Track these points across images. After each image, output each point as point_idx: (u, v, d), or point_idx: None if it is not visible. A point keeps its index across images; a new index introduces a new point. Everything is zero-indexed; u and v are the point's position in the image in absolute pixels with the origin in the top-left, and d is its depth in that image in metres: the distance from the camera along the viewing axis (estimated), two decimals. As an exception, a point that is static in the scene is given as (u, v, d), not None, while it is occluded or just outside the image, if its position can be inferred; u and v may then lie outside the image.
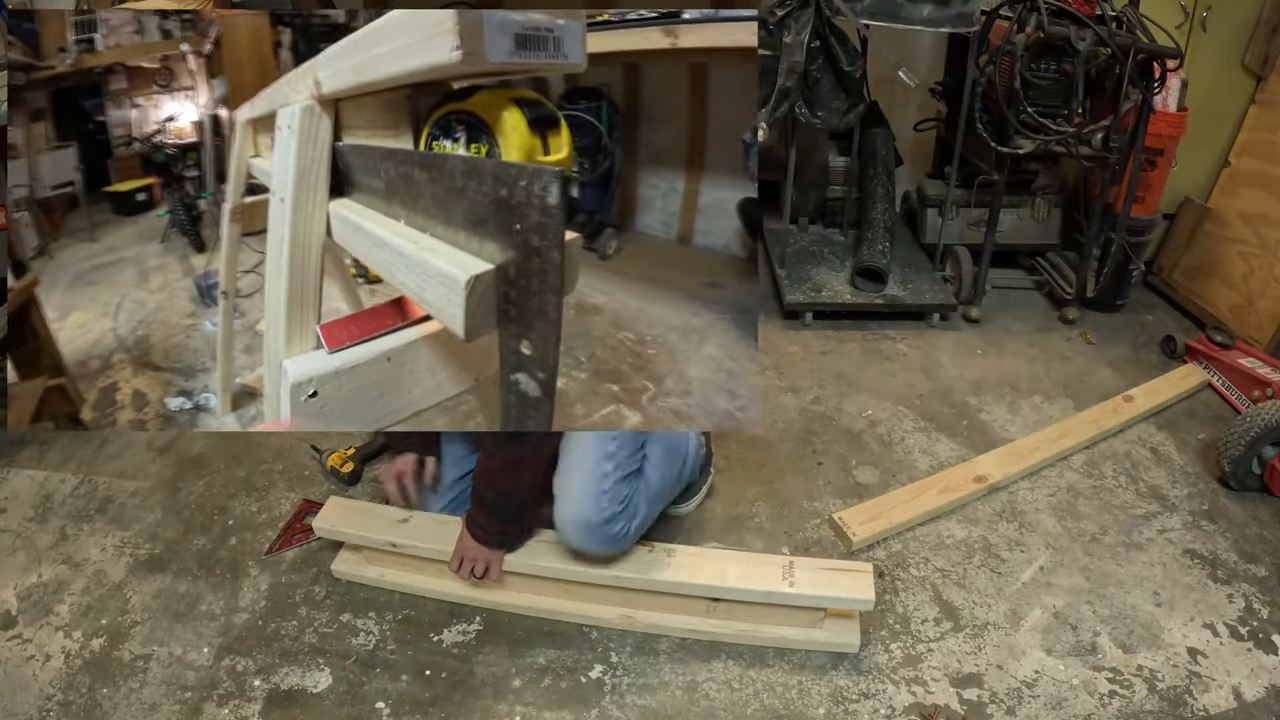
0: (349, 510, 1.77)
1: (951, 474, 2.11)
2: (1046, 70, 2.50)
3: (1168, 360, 2.71)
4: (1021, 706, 1.55)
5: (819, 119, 2.64)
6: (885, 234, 2.92)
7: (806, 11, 2.48)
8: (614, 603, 1.69)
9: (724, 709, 1.54)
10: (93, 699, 1.56)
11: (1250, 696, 1.57)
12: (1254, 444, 2.01)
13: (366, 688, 1.58)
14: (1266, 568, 1.87)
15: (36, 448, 2.26)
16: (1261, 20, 2.81)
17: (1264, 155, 2.83)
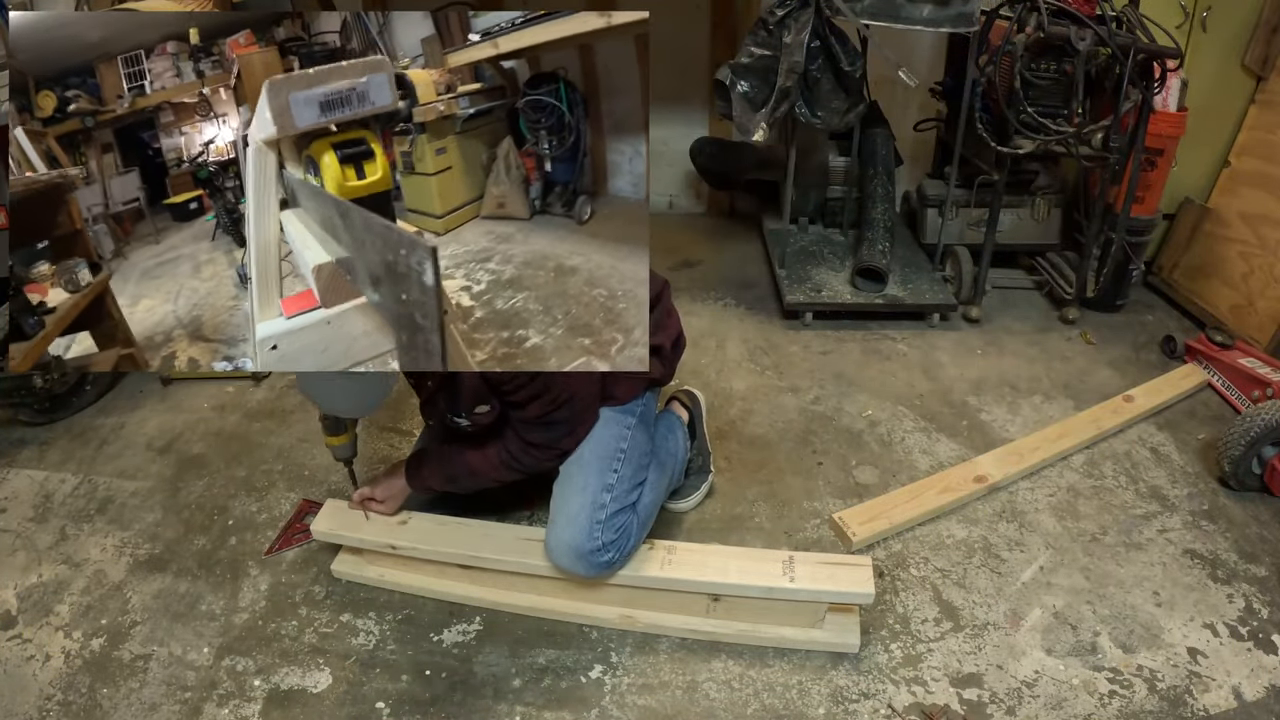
0: (347, 513, 1.77)
1: (951, 474, 2.11)
2: (1046, 70, 2.50)
3: (1168, 360, 2.71)
4: (1021, 706, 1.55)
5: (819, 119, 2.64)
6: (885, 234, 2.92)
7: (806, 11, 2.48)
8: (614, 602, 1.69)
9: (724, 709, 1.54)
10: (93, 699, 1.56)
11: (1250, 696, 1.57)
12: (1254, 444, 2.01)
13: (366, 688, 1.58)
14: (1266, 568, 1.87)
15: (36, 448, 2.26)
16: (1261, 20, 2.81)
17: (1264, 155, 2.83)
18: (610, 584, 1.65)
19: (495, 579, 1.73)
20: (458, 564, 1.72)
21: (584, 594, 1.69)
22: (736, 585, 1.61)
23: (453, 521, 1.75)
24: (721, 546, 1.75)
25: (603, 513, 1.58)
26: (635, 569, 1.63)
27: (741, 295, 3.11)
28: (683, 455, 1.92)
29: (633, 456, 1.67)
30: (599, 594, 1.68)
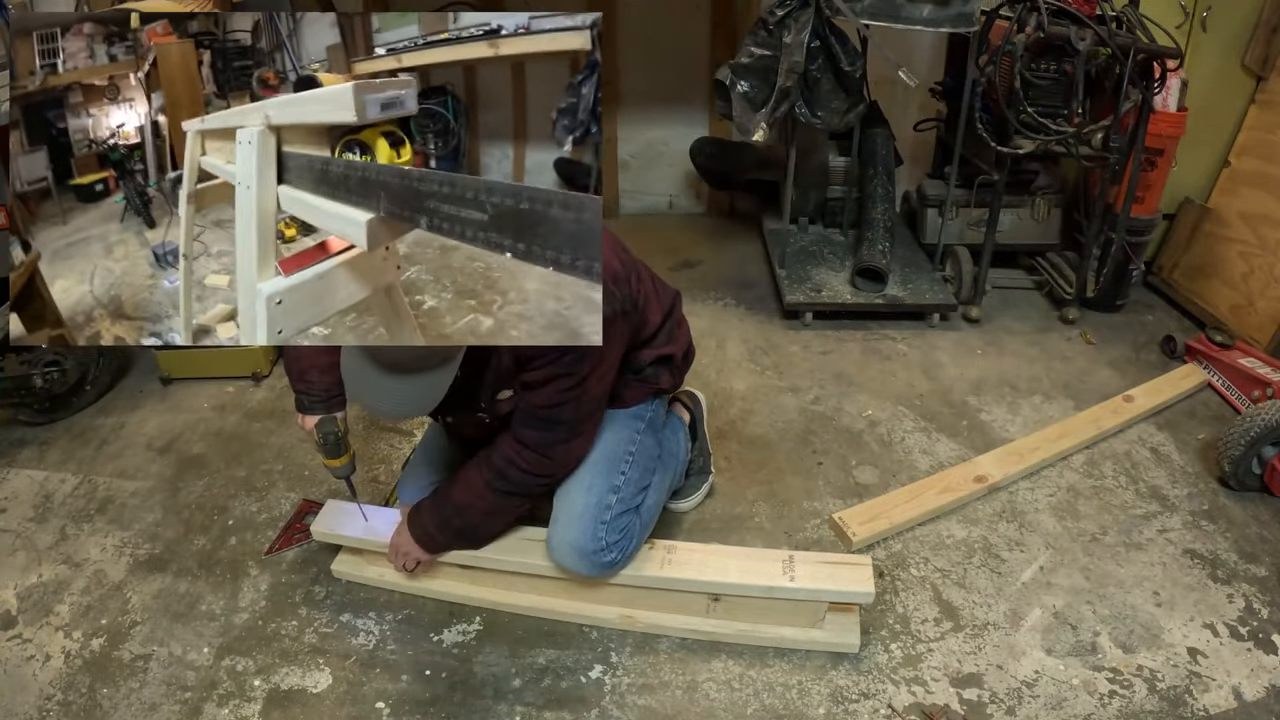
0: (346, 514, 1.78)
1: (951, 474, 2.11)
2: (1046, 70, 2.50)
3: (1168, 360, 2.71)
4: (1021, 706, 1.55)
5: (819, 119, 2.64)
6: (885, 234, 2.92)
7: (806, 11, 2.48)
8: (614, 602, 1.69)
9: (724, 709, 1.55)
10: (93, 699, 1.56)
11: (1250, 696, 1.57)
12: (1254, 444, 2.01)
13: (366, 688, 1.58)
14: (1266, 568, 1.87)
15: (36, 448, 2.26)
16: (1261, 20, 2.81)
17: (1264, 155, 2.83)
18: (611, 584, 1.65)
19: (495, 579, 1.73)
20: (458, 564, 1.71)
21: (584, 594, 1.69)
22: (737, 585, 1.61)
23: None
24: (721, 546, 1.75)
25: (608, 514, 1.58)
26: (635, 569, 1.63)
27: (741, 295, 3.11)
28: (684, 456, 1.92)
29: (640, 460, 1.67)
30: (599, 594, 1.68)
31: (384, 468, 2.16)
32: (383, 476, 2.13)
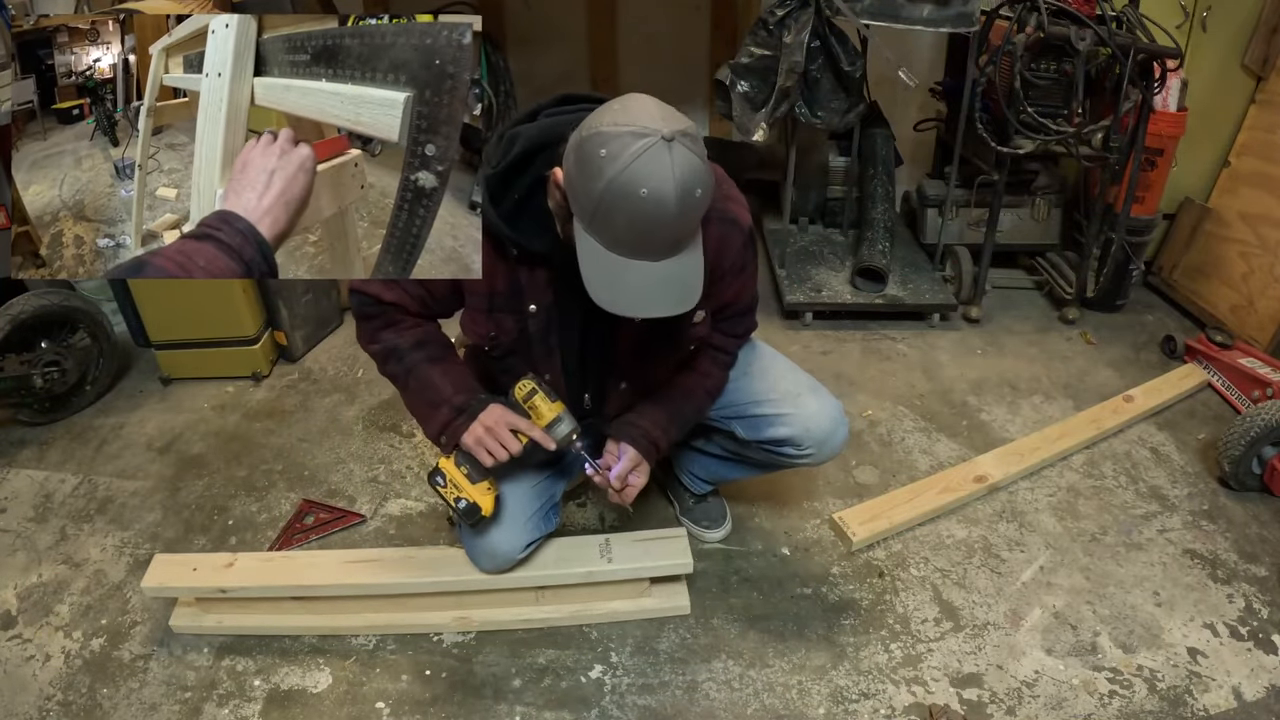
0: (174, 565, 1.69)
1: (951, 474, 2.11)
2: (1046, 70, 2.50)
3: (1168, 360, 2.71)
4: (1021, 706, 1.55)
5: (819, 119, 2.64)
6: (885, 234, 2.92)
7: (806, 11, 2.48)
8: (448, 608, 1.70)
9: (724, 709, 1.55)
10: (93, 699, 1.56)
11: (1250, 696, 1.57)
12: (1254, 444, 2.01)
13: (366, 688, 1.58)
14: (1266, 568, 1.87)
15: (37, 448, 2.26)
16: (1261, 20, 2.81)
17: (1264, 155, 2.83)
18: (441, 592, 1.67)
19: (329, 605, 1.69)
20: (291, 596, 1.68)
21: (417, 604, 1.69)
22: (556, 575, 1.65)
23: (278, 557, 1.77)
24: None
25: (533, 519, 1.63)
26: (459, 573, 1.64)
27: (741, 295, 3.11)
28: None
29: None
30: (432, 601, 1.69)
31: (384, 468, 2.16)
32: (382, 476, 2.13)
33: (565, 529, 1.91)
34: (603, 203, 1.12)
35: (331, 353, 2.69)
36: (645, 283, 1.18)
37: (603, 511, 2.01)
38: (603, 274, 1.18)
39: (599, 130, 1.12)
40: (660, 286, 1.19)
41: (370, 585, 1.64)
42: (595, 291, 1.19)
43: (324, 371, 2.59)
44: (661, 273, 1.17)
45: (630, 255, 1.16)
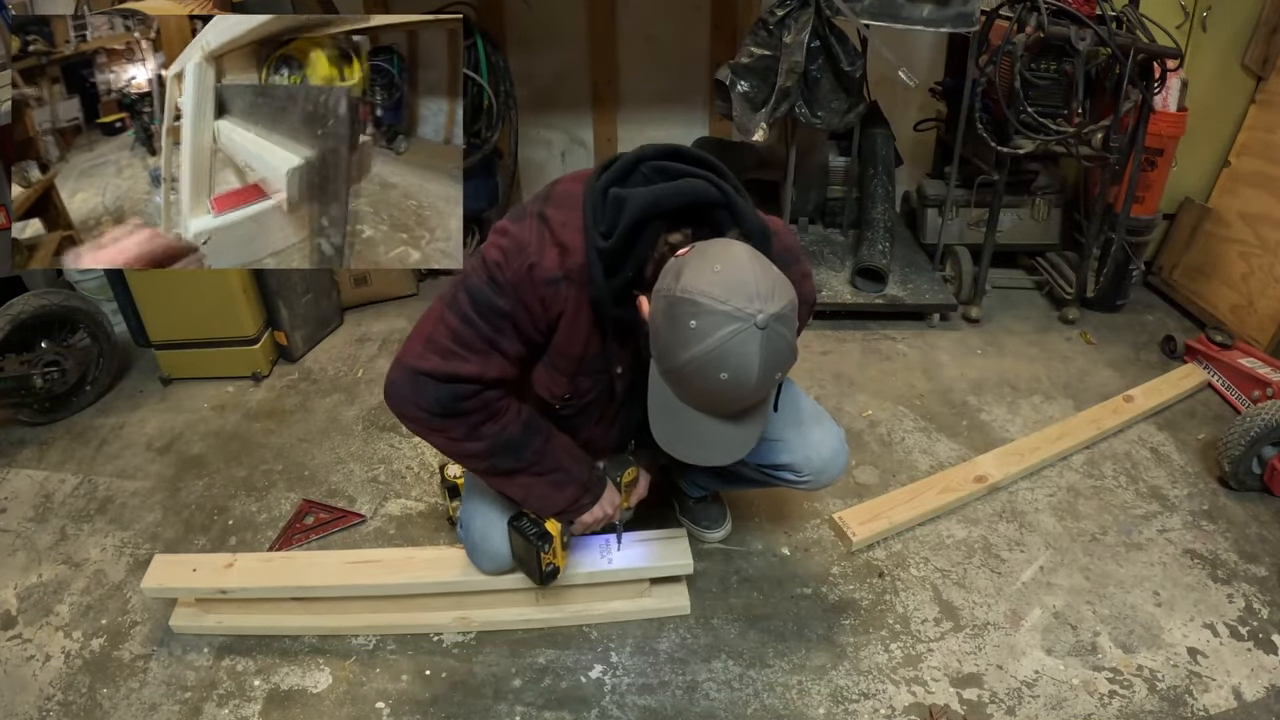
0: (174, 565, 1.69)
1: (951, 474, 2.11)
2: (1046, 70, 2.50)
3: (1168, 360, 2.71)
4: (1021, 706, 1.55)
5: (819, 119, 2.64)
6: (885, 234, 2.92)
7: (806, 11, 2.48)
8: (448, 607, 1.70)
9: (724, 709, 1.55)
10: (93, 699, 1.56)
11: (1250, 696, 1.57)
12: (1254, 444, 2.01)
13: (366, 688, 1.58)
14: (1266, 568, 1.87)
15: (37, 448, 2.26)
16: (1261, 20, 2.81)
17: (1264, 155, 2.83)
18: (441, 592, 1.67)
19: (330, 605, 1.69)
20: (291, 598, 1.68)
21: (417, 604, 1.69)
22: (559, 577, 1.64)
23: (278, 558, 1.77)
24: None
25: None
26: (461, 574, 1.64)
27: (741, 295, 3.10)
28: None
29: None
30: (432, 601, 1.69)
31: (384, 468, 2.16)
32: (382, 476, 2.13)
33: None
34: (684, 371, 1.13)
35: (331, 353, 2.69)
36: (706, 435, 1.20)
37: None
38: (668, 416, 1.20)
39: (695, 298, 1.09)
40: (720, 441, 1.21)
41: (370, 585, 1.64)
42: (656, 428, 1.21)
43: (324, 371, 2.59)
44: (725, 432, 1.20)
45: (698, 410, 1.17)
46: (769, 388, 1.15)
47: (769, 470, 1.65)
